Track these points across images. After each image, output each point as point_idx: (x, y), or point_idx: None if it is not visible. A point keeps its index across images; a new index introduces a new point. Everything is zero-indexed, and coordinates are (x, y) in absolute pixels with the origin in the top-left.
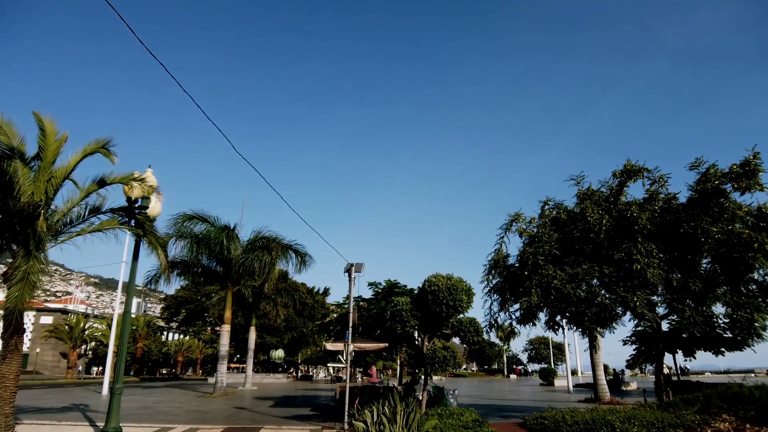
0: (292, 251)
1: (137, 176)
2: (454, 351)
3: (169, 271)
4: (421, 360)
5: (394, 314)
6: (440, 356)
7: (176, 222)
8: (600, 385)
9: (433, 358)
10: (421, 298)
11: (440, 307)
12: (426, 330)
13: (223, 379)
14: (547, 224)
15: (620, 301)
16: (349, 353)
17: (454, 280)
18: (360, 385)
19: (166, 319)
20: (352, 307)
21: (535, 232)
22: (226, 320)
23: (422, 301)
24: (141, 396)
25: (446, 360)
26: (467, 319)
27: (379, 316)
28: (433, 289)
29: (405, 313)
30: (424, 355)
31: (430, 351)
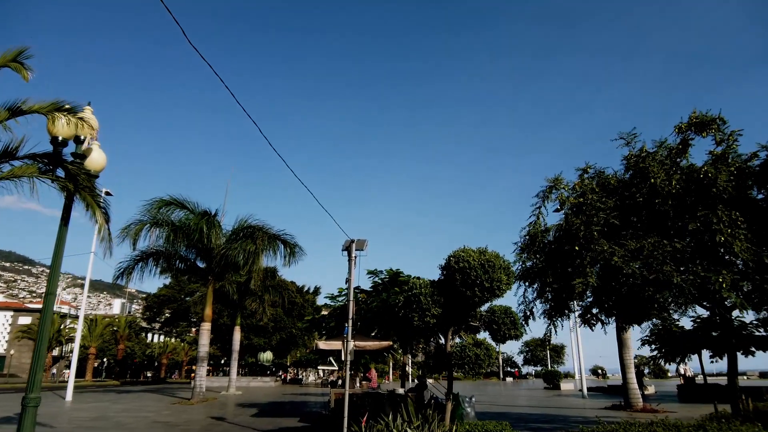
0: (281, 242)
1: (67, 107)
2: (489, 348)
3: (144, 263)
4: (444, 360)
5: (409, 301)
6: (471, 355)
7: (151, 208)
8: (631, 390)
9: (462, 357)
10: (446, 279)
11: (471, 289)
12: (450, 321)
13: (202, 384)
14: (596, 190)
15: (699, 282)
16: (348, 352)
17: (489, 255)
18: (360, 392)
19: (147, 319)
20: (352, 295)
21: (581, 200)
22: (206, 318)
23: (446, 284)
24: (108, 403)
25: (479, 360)
26: (501, 308)
27: (380, 310)
28: (461, 267)
29: (424, 299)
30: (448, 354)
31: (457, 348)
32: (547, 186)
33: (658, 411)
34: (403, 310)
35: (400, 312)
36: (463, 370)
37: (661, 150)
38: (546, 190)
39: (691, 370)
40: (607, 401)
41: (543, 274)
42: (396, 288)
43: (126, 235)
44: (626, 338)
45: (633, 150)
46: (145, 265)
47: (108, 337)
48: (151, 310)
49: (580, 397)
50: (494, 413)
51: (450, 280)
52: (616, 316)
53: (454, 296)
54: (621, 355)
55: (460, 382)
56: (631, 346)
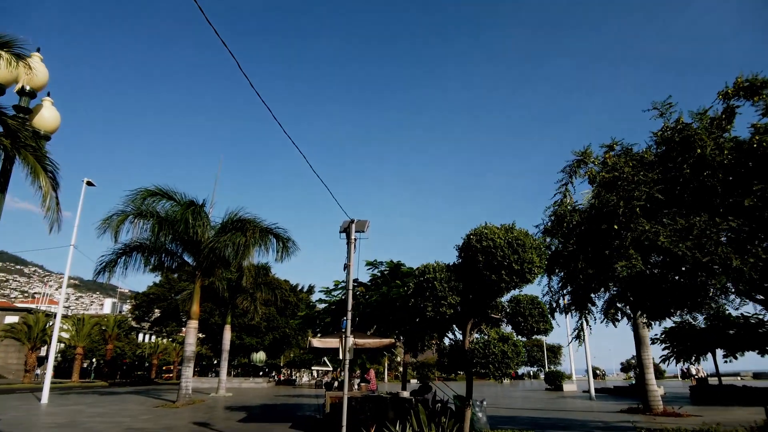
0: (273, 235)
1: (8, 41)
2: (517, 344)
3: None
4: (463, 359)
5: (421, 287)
6: (497, 352)
7: (135, 198)
8: (651, 392)
9: (486, 355)
10: (465, 263)
11: (497, 273)
12: (470, 312)
13: (188, 385)
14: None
15: (762, 266)
16: (348, 349)
17: (517, 232)
18: (359, 395)
19: (137, 318)
20: (351, 283)
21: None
22: (193, 315)
23: (466, 268)
24: (85, 406)
25: (507, 358)
26: (526, 298)
27: (380, 305)
28: (485, 246)
29: (440, 286)
30: (468, 352)
31: (480, 345)
32: (574, 160)
33: (681, 414)
34: (413, 299)
35: (409, 301)
36: (486, 370)
37: (702, 122)
38: (573, 165)
39: (704, 371)
40: (619, 403)
41: (573, 259)
42: (397, 281)
43: (107, 226)
44: (644, 336)
45: (668, 121)
46: (129, 259)
47: (96, 337)
48: (140, 309)
49: (587, 399)
50: (503, 417)
51: (470, 263)
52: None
53: (475, 282)
54: (639, 354)
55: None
56: (649, 345)
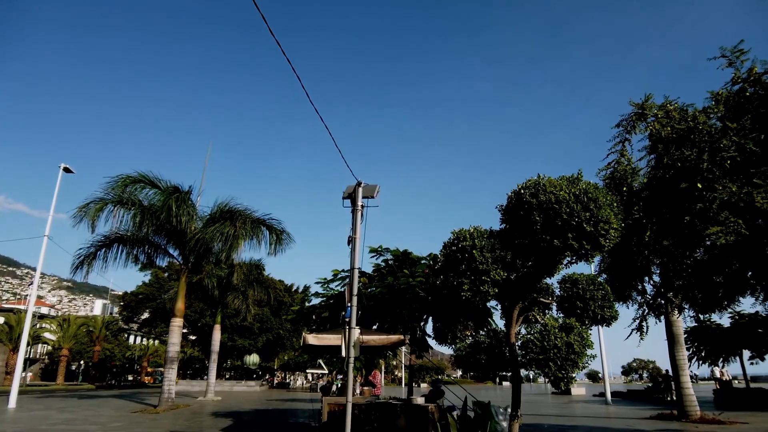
0: (265, 227)
1: None
2: (584, 335)
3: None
4: (507, 354)
5: (454, 260)
6: (560, 345)
7: (115, 185)
8: (687, 396)
9: (545, 349)
10: (514, 226)
11: (562, 236)
12: (517, 293)
13: (171, 388)
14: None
15: None
16: (353, 344)
17: (585, 185)
18: (363, 402)
19: (125, 319)
20: (357, 260)
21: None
22: (177, 312)
23: (515, 233)
24: (56, 411)
25: (573, 353)
26: (585, 277)
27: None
28: (543, 201)
29: (480, 256)
30: (513, 346)
31: (535, 336)
32: (631, 113)
33: (723, 422)
34: (443, 272)
35: (437, 277)
36: (544, 370)
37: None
38: (631, 118)
39: (728, 374)
40: (640, 409)
41: (639, 229)
42: (405, 270)
43: (84, 215)
44: (678, 334)
45: (740, 71)
46: (109, 252)
47: (83, 339)
48: (129, 309)
49: (602, 403)
50: (526, 426)
51: (520, 227)
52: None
53: (528, 252)
54: (672, 353)
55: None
56: (684, 343)
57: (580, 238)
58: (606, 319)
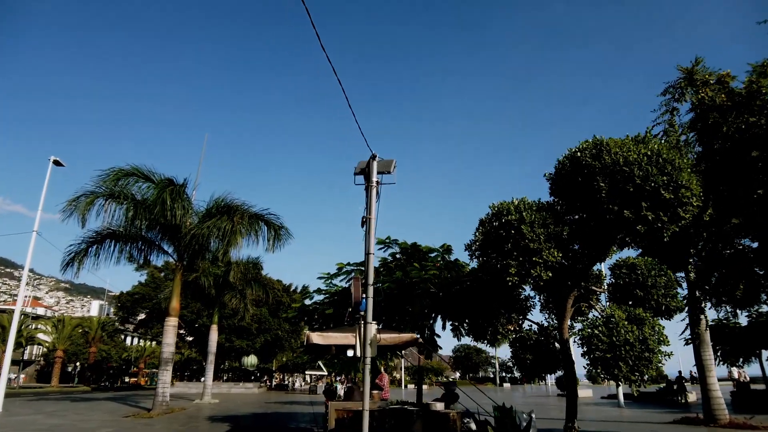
0: (264, 222)
1: None
2: (658, 329)
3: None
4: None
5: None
6: (631, 340)
7: (107, 179)
8: (715, 399)
9: (614, 345)
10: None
11: (634, 205)
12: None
13: (165, 391)
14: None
15: None
16: (369, 342)
17: (656, 144)
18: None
19: (121, 320)
20: (372, 245)
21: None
22: (172, 311)
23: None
24: (44, 415)
25: (648, 349)
26: (644, 262)
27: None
28: (608, 164)
29: (530, 232)
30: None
31: (600, 330)
32: (679, 79)
33: (758, 427)
34: (483, 257)
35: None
36: (613, 370)
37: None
38: (679, 85)
39: (746, 374)
40: (655, 411)
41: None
42: (415, 263)
43: (74, 209)
44: (703, 332)
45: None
46: (101, 248)
47: (79, 340)
48: (124, 309)
49: (614, 406)
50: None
51: (578, 197)
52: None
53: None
54: (698, 353)
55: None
56: (709, 342)
57: (656, 208)
58: (671, 310)
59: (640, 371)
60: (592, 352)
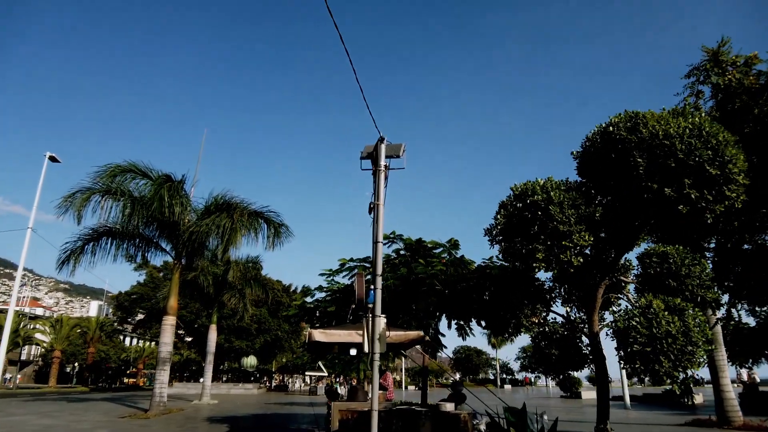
0: (263, 220)
1: None
2: (699, 320)
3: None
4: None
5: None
6: (673, 332)
7: (104, 175)
8: (728, 400)
9: (653, 337)
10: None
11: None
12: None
13: (163, 392)
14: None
15: None
16: (377, 337)
17: (697, 118)
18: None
19: (119, 320)
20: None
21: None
22: (169, 310)
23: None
24: (36, 416)
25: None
26: (676, 251)
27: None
28: (646, 137)
29: (560, 214)
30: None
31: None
32: (703, 60)
33: None
34: (505, 243)
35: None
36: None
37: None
38: (704, 67)
39: (757, 376)
40: (669, 414)
41: None
42: (420, 260)
43: (69, 205)
44: (717, 332)
45: None
46: (98, 246)
47: (77, 340)
48: (123, 309)
49: (621, 407)
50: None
51: (610, 175)
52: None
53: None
54: (710, 354)
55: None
56: (722, 342)
57: (701, 185)
58: (708, 302)
59: (683, 367)
60: (630, 345)
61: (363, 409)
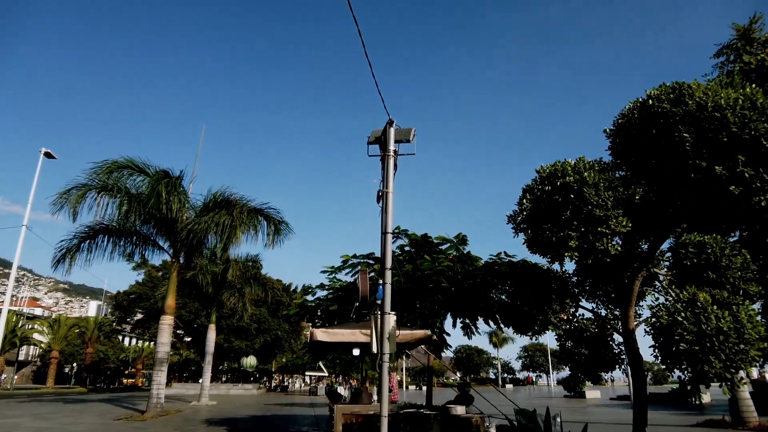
0: (263, 217)
1: None
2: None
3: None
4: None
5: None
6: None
7: (100, 171)
8: (742, 400)
9: (702, 334)
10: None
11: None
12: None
13: (160, 393)
14: None
15: None
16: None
17: (748, 87)
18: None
19: (118, 320)
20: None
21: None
22: (168, 309)
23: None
24: (30, 418)
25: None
26: (714, 239)
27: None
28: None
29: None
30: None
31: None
32: (733, 39)
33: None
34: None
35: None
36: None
37: None
38: (734, 45)
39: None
40: (678, 414)
41: None
42: (426, 256)
43: (64, 202)
44: None
45: None
46: (94, 244)
47: (75, 340)
48: (121, 309)
49: (627, 408)
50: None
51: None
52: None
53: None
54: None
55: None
56: None
57: (756, 163)
58: (750, 295)
59: (736, 367)
60: (675, 344)
61: (368, 412)
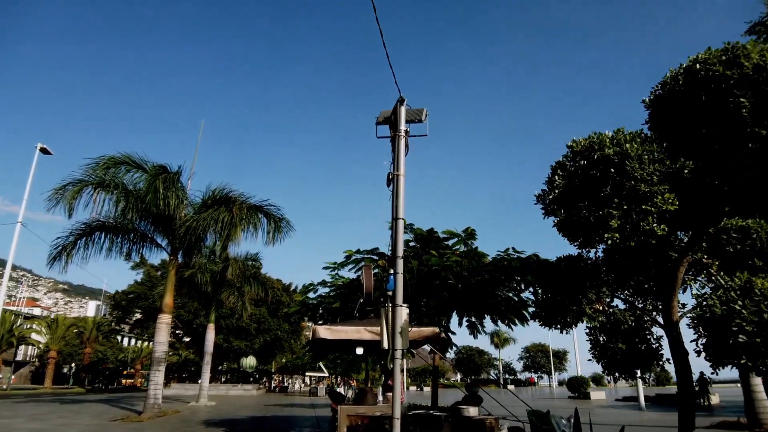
0: (263, 214)
1: None
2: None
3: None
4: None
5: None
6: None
7: (97, 167)
8: (759, 401)
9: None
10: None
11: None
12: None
13: (157, 393)
14: None
15: None
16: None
17: None
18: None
19: (116, 319)
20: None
21: None
22: (165, 308)
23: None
24: (25, 419)
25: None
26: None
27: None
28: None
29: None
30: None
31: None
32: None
33: None
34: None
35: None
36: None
37: None
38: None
39: None
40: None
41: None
42: (433, 252)
43: (60, 198)
44: None
45: None
46: (90, 241)
47: (74, 340)
48: (120, 308)
49: (635, 409)
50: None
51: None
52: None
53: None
54: None
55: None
56: None
57: None
58: None
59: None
60: (733, 335)
61: (374, 414)
